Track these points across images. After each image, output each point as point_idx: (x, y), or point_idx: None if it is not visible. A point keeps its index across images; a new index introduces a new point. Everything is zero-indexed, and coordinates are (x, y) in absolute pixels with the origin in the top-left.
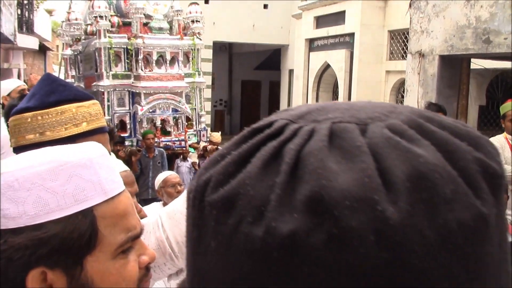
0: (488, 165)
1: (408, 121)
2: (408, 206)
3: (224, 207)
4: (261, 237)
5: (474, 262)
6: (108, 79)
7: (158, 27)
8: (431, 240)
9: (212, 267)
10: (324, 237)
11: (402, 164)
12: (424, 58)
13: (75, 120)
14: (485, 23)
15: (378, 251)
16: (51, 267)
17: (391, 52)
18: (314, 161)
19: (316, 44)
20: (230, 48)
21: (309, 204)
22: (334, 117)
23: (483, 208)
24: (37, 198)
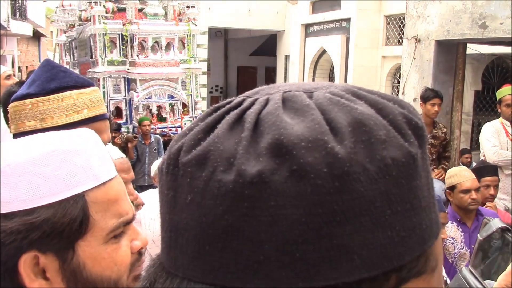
0: (411, 118)
1: (345, 89)
2: (351, 144)
3: (198, 164)
4: (233, 180)
5: (408, 192)
6: (103, 65)
7: (153, 12)
8: (372, 172)
9: (189, 218)
10: (287, 173)
11: (344, 115)
12: (420, 43)
13: (76, 107)
14: (481, 8)
15: (331, 181)
16: (43, 251)
17: (387, 37)
18: (272, 118)
19: (312, 30)
20: (225, 33)
21: (271, 148)
22: (284, 89)
23: (410, 148)
24: (28, 183)
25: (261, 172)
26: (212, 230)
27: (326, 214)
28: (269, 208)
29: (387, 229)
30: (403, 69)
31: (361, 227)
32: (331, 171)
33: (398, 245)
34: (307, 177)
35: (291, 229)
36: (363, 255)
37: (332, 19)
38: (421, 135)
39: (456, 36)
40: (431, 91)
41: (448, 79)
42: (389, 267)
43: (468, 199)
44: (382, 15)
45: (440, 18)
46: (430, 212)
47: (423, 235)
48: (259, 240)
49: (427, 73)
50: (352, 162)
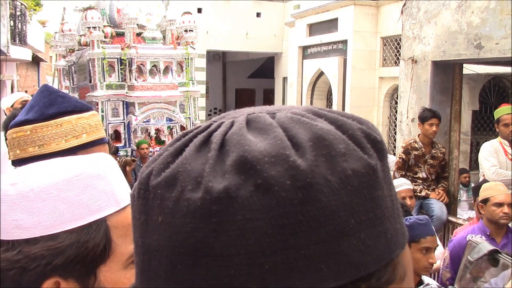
0: (369, 133)
1: (306, 109)
2: (313, 158)
3: (167, 185)
4: (200, 197)
5: (370, 202)
6: (102, 89)
7: (151, 37)
8: (334, 183)
9: (161, 239)
10: (252, 188)
11: (304, 131)
12: (417, 64)
13: (75, 132)
14: (477, 28)
15: (294, 192)
16: (65, 277)
17: (384, 58)
18: (236, 137)
19: (309, 52)
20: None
21: (236, 165)
22: (248, 112)
23: (370, 160)
24: (52, 208)
25: (227, 187)
26: (183, 248)
27: (291, 225)
28: (237, 222)
29: (352, 238)
30: (401, 90)
31: (327, 237)
32: (294, 183)
33: (365, 254)
34: (272, 190)
35: (259, 241)
36: (330, 265)
37: (329, 41)
38: (381, 148)
39: (452, 56)
40: (429, 111)
41: (445, 99)
42: (356, 276)
43: (500, 213)
44: (379, 37)
45: (436, 39)
46: (395, 222)
47: (389, 244)
48: (228, 254)
49: (425, 94)
50: (314, 174)
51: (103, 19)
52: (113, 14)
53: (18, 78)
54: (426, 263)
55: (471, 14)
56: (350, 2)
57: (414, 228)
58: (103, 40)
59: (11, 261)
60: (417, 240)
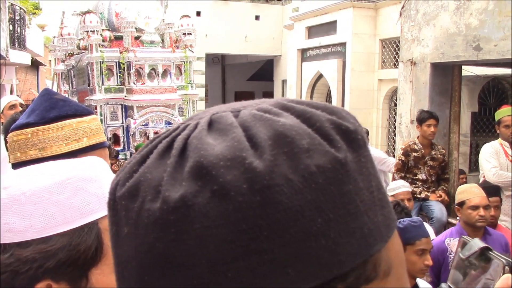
0: (340, 123)
1: (274, 103)
2: (271, 157)
3: (130, 195)
4: (159, 207)
5: (340, 198)
6: (101, 93)
7: (150, 40)
8: (296, 182)
9: (129, 250)
10: (209, 194)
11: (265, 129)
12: (416, 66)
13: (76, 136)
14: (475, 30)
15: (252, 196)
16: (57, 280)
17: (383, 60)
18: (195, 141)
19: (308, 54)
20: (222, 59)
21: (192, 172)
22: (213, 112)
23: (337, 154)
24: (44, 211)
25: (183, 196)
26: (147, 259)
27: (251, 230)
28: (195, 230)
29: (320, 237)
30: (400, 92)
31: (292, 239)
32: (251, 187)
33: (337, 253)
34: (228, 196)
35: (219, 249)
36: (298, 267)
37: (328, 43)
38: (354, 138)
39: (451, 58)
40: (426, 112)
41: (444, 101)
42: (328, 277)
43: (476, 216)
44: (378, 39)
45: (434, 41)
46: (374, 215)
47: (367, 240)
48: (191, 264)
49: (424, 96)
50: (273, 174)
51: (101, 22)
52: (111, 17)
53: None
54: (422, 265)
55: (469, 16)
56: (349, 4)
57: (408, 230)
58: (102, 44)
59: (3, 264)
60: (412, 242)
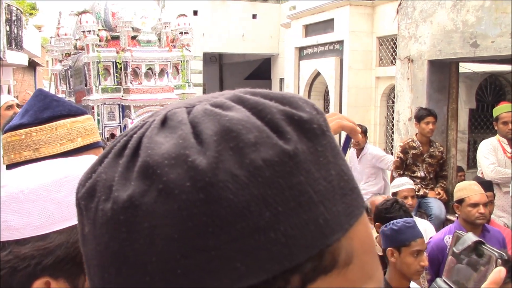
0: (292, 113)
1: (230, 96)
2: (215, 154)
3: (89, 196)
4: (110, 207)
5: (289, 190)
6: (98, 93)
7: (146, 40)
8: (242, 177)
9: (90, 249)
10: (155, 194)
11: (212, 125)
12: (413, 63)
13: (70, 136)
14: (472, 27)
15: (196, 194)
16: (55, 277)
17: (380, 58)
18: (146, 140)
19: (305, 53)
20: (220, 58)
21: (140, 171)
22: (170, 108)
23: (286, 146)
24: (42, 209)
25: (131, 196)
26: (105, 258)
27: (197, 227)
28: (144, 230)
29: (269, 231)
30: (397, 89)
31: (239, 235)
32: (194, 184)
33: (288, 246)
34: (173, 194)
35: (167, 247)
36: (247, 262)
37: (325, 41)
38: (309, 128)
39: (448, 55)
40: (424, 110)
41: (442, 98)
42: (280, 270)
43: (476, 213)
44: (375, 37)
45: (431, 38)
46: (333, 204)
47: (323, 231)
48: (142, 262)
49: (421, 93)
50: (216, 171)
51: (98, 23)
52: (108, 17)
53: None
54: (418, 267)
55: (466, 13)
56: (346, 2)
57: (402, 232)
58: (98, 44)
59: (2, 261)
60: (407, 244)
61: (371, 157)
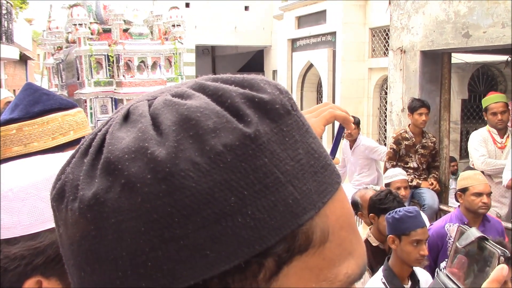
0: (253, 96)
1: (192, 85)
2: (174, 143)
3: (58, 197)
4: (77, 207)
5: (254, 173)
6: (90, 86)
7: (138, 32)
8: (203, 164)
9: (66, 250)
10: (118, 189)
11: (170, 115)
12: (406, 54)
13: (62, 129)
14: (464, 17)
15: (157, 185)
16: (46, 276)
17: (373, 49)
18: (109, 137)
19: (298, 44)
20: (212, 51)
21: (103, 168)
22: (133, 102)
23: (246, 129)
24: (32, 208)
25: (96, 193)
26: (80, 256)
27: (163, 219)
28: (112, 226)
29: (236, 216)
30: (390, 81)
31: (205, 222)
32: (155, 176)
33: (258, 229)
34: (135, 188)
35: (135, 241)
36: (216, 248)
37: (318, 33)
38: (270, 109)
39: (441, 46)
40: (418, 101)
41: (434, 89)
42: (251, 254)
43: (479, 203)
44: (367, 28)
45: (424, 29)
46: (303, 183)
47: (293, 211)
48: (112, 258)
49: (414, 84)
50: (176, 160)
51: (89, 16)
52: (99, 10)
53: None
54: (418, 255)
55: (458, 3)
56: None
57: (403, 221)
58: (90, 37)
59: None
60: (407, 233)
61: (364, 149)
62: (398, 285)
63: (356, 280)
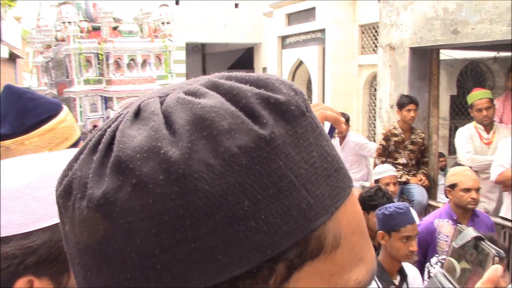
0: (268, 96)
1: (205, 83)
2: (188, 144)
3: (66, 194)
4: (86, 205)
5: (268, 177)
6: (80, 84)
7: (128, 30)
8: (217, 166)
9: (72, 247)
10: (129, 189)
11: (184, 114)
12: (395, 51)
13: (57, 139)
14: (453, 14)
15: (170, 187)
16: (38, 276)
17: (363, 46)
18: (119, 133)
19: (288, 42)
20: (203, 48)
21: (114, 167)
22: (143, 99)
23: (262, 131)
24: (24, 207)
25: (106, 192)
26: (86, 256)
27: (174, 221)
28: (121, 226)
29: (249, 220)
30: (379, 77)
31: (218, 225)
32: (167, 177)
33: (270, 233)
34: (147, 188)
35: (145, 242)
36: (228, 253)
37: (308, 30)
38: (286, 110)
39: (430, 42)
40: (406, 97)
41: (423, 85)
42: (263, 259)
43: (468, 198)
44: (357, 25)
45: (413, 26)
46: (316, 187)
47: (306, 215)
48: (121, 259)
49: (403, 80)
50: (190, 161)
51: (78, 13)
52: (89, 8)
53: None
54: (407, 251)
55: (447, 0)
56: None
57: (393, 217)
58: (79, 35)
59: None
60: (397, 229)
61: (354, 145)
62: (387, 280)
63: (366, 286)
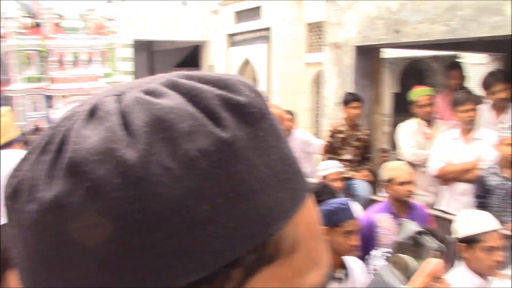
0: (230, 98)
1: (164, 81)
2: (146, 146)
3: (14, 196)
4: (35, 209)
5: (228, 180)
6: (20, 83)
7: (71, 27)
8: (175, 170)
9: (20, 252)
10: (83, 193)
11: (142, 115)
12: (340, 50)
13: None
14: (395, 14)
15: (125, 191)
16: None
17: (310, 44)
18: (73, 134)
19: (236, 40)
20: (150, 46)
21: (67, 168)
22: (99, 97)
23: (223, 133)
24: None
25: (57, 196)
26: (35, 262)
27: (130, 226)
28: (73, 231)
29: (208, 225)
30: (326, 75)
31: (174, 231)
32: (124, 181)
33: (228, 239)
34: (102, 192)
35: (101, 248)
36: (186, 259)
37: (255, 28)
38: (248, 112)
39: (373, 41)
40: (350, 94)
41: (367, 83)
42: (221, 264)
43: (405, 191)
44: (303, 23)
45: (357, 25)
46: (276, 191)
47: (265, 220)
48: (74, 265)
49: (348, 78)
50: (147, 165)
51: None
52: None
53: None
54: (348, 246)
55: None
56: None
57: (336, 213)
58: (21, 31)
59: None
60: (339, 224)
61: (300, 142)
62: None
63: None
